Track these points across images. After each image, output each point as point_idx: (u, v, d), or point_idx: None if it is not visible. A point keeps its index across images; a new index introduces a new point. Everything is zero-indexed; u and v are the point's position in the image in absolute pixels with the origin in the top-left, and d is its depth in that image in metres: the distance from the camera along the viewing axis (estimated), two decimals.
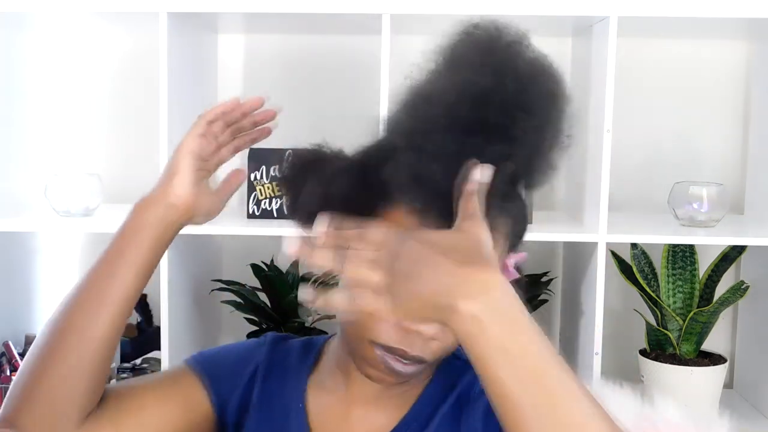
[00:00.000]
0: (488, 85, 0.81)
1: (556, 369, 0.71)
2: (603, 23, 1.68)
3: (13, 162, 1.92)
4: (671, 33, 2.02)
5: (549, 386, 0.71)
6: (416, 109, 0.84)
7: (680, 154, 2.09)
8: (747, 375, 2.03)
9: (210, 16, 1.81)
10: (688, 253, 1.87)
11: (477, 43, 0.87)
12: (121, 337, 1.97)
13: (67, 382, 0.89)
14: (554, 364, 0.71)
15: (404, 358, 0.86)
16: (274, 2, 1.68)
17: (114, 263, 0.93)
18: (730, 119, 2.09)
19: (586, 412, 0.71)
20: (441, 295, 0.71)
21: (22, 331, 1.99)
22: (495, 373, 0.71)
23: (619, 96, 1.70)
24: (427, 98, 0.83)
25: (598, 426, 0.70)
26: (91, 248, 2.15)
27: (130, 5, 1.69)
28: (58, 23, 2.00)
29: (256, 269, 1.88)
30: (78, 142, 2.13)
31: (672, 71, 2.08)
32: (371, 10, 1.64)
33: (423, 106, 0.83)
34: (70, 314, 0.93)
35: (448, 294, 0.71)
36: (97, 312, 0.91)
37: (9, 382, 1.80)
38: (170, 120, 1.69)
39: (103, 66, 2.12)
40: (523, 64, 0.85)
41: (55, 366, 0.89)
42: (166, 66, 1.68)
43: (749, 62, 2.06)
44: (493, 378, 0.71)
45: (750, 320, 2.03)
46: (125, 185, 2.10)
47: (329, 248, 0.73)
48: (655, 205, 1.98)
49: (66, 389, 0.89)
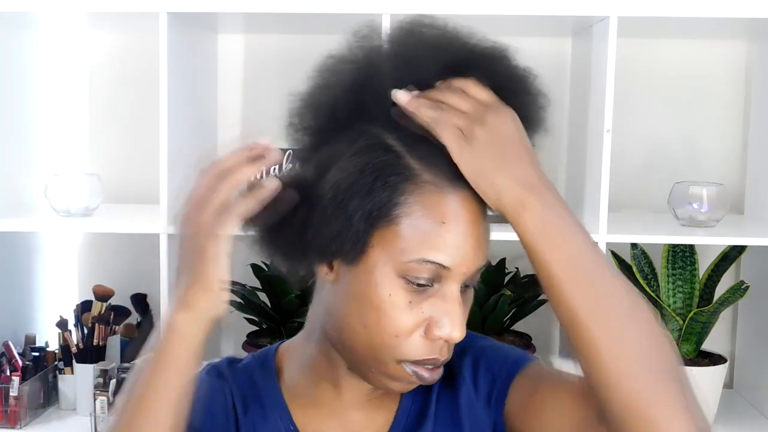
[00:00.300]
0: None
1: (602, 259, 0.83)
2: (603, 23, 1.68)
3: (13, 162, 1.92)
4: (671, 33, 2.02)
5: (603, 275, 0.81)
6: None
7: (680, 154, 2.09)
8: (747, 375, 2.03)
9: (210, 16, 1.81)
10: (688, 253, 1.87)
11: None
12: (121, 337, 1.99)
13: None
14: (600, 254, 0.83)
15: (435, 365, 0.86)
16: (274, 2, 1.68)
17: (165, 372, 0.84)
18: (730, 119, 2.09)
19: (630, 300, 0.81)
20: (521, 184, 0.80)
21: (22, 331, 1.99)
22: (553, 263, 0.80)
23: (619, 96, 1.70)
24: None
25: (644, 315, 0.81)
26: (91, 248, 2.15)
27: (130, 5, 1.69)
28: (58, 23, 2.00)
29: (256, 269, 1.88)
30: (78, 142, 2.13)
31: (672, 71, 2.08)
32: (371, 10, 1.64)
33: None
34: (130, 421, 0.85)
35: (525, 185, 0.80)
36: (156, 417, 0.83)
37: (8, 382, 1.80)
38: (170, 120, 1.69)
39: (103, 66, 2.12)
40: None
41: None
42: (166, 66, 1.68)
43: (749, 62, 2.06)
44: (550, 273, 0.80)
45: (750, 320, 2.03)
46: (125, 185, 2.10)
47: (433, 104, 0.82)
48: (655, 205, 1.98)
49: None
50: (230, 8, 1.71)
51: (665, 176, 1.97)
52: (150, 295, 2.05)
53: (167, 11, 1.67)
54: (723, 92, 2.08)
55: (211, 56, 2.04)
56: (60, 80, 2.10)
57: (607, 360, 0.78)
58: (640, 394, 0.77)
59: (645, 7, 1.66)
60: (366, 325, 0.83)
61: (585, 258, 0.81)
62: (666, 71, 2.08)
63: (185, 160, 1.77)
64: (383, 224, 0.82)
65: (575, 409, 0.86)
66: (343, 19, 1.76)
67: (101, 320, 1.92)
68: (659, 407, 0.77)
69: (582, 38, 1.90)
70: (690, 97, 2.09)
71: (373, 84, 0.85)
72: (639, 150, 2.08)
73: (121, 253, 2.12)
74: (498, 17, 1.71)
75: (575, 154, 1.91)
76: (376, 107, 0.85)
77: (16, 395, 1.80)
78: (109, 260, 2.13)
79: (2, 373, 1.82)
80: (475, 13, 1.67)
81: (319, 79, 0.89)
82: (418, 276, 0.82)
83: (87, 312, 1.94)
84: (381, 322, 0.83)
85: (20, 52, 1.97)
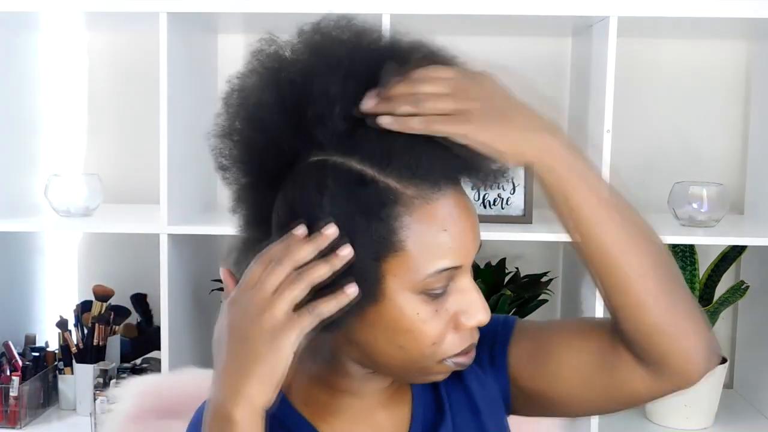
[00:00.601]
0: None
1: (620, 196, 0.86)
2: (603, 23, 1.68)
3: (13, 162, 1.92)
4: (671, 33, 2.02)
5: (622, 207, 0.86)
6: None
7: (680, 154, 2.09)
8: (747, 375, 2.03)
9: (210, 16, 1.81)
10: (688, 253, 1.87)
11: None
12: (121, 337, 1.99)
13: None
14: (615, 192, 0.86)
15: (472, 349, 0.87)
16: (274, 2, 1.68)
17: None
18: (730, 119, 2.09)
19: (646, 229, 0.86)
20: (534, 130, 0.81)
21: (22, 331, 2.00)
22: (583, 200, 0.82)
23: (619, 96, 1.70)
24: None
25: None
26: (91, 248, 2.15)
27: (130, 5, 1.69)
28: (58, 23, 2.00)
29: None
30: (78, 142, 2.13)
31: (672, 71, 2.08)
32: (371, 10, 1.64)
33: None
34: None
35: (540, 129, 0.81)
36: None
37: (8, 382, 1.80)
38: (170, 120, 1.69)
39: (103, 66, 2.12)
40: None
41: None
42: (166, 66, 1.68)
43: (749, 62, 2.06)
44: (580, 206, 0.82)
45: (750, 320, 2.03)
46: (125, 185, 2.10)
47: (404, 95, 0.79)
48: (655, 205, 1.98)
49: None
50: (230, 8, 1.71)
51: (665, 176, 1.97)
52: (150, 295, 2.05)
53: (167, 11, 1.67)
54: (723, 92, 2.09)
55: (211, 56, 2.04)
56: (60, 80, 2.10)
57: (637, 284, 0.85)
58: (667, 311, 0.86)
59: (645, 7, 1.66)
60: (402, 346, 0.83)
61: (606, 190, 0.85)
62: (666, 71, 2.08)
63: (185, 160, 1.77)
64: (390, 255, 0.80)
65: (588, 343, 0.92)
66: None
67: (101, 320, 1.92)
68: (683, 323, 0.87)
69: (582, 38, 1.90)
70: (690, 97, 2.09)
71: (307, 104, 0.80)
72: (639, 150, 2.08)
73: (121, 253, 2.12)
74: (498, 17, 1.71)
75: None
76: (321, 129, 0.80)
77: (16, 395, 1.81)
78: (109, 260, 2.13)
79: (2, 373, 1.82)
80: (475, 13, 1.68)
81: (239, 112, 0.84)
82: (436, 287, 0.82)
83: (87, 312, 1.94)
84: (416, 339, 0.83)
85: (20, 52, 1.97)
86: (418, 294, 0.81)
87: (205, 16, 1.80)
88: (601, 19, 1.69)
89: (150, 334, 2.00)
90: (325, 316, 0.78)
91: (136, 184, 2.10)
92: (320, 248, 0.78)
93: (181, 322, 1.81)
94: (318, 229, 0.79)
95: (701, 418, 1.84)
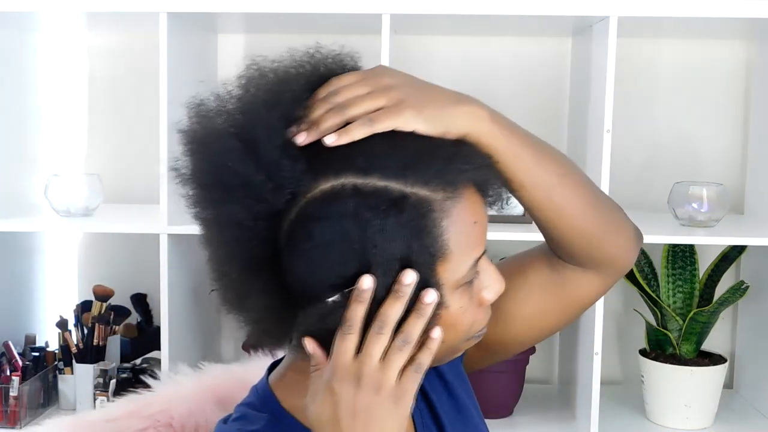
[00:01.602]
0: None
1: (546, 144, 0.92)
2: (603, 23, 1.68)
3: (13, 162, 1.92)
4: (671, 33, 2.02)
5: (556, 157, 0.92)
6: None
7: (680, 154, 2.09)
8: (747, 375, 2.03)
9: (210, 16, 1.81)
10: (688, 253, 1.87)
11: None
12: (121, 337, 1.99)
13: None
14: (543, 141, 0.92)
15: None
16: (274, 2, 1.68)
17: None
18: (730, 119, 2.09)
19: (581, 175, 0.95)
20: (457, 102, 0.84)
21: (22, 331, 2.00)
22: (521, 162, 0.87)
23: (619, 96, 1.70)
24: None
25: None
26: (91, 248, 2.15)
27: (130, 5, 1.69)
28: (58, 23, 2.00)
29: None
30: (78, 142, 2.13)
31: (672, 71, 2.08)
32: (371, 10, 1.64)
33: None
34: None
35: (459, 99, 0.84)
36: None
37: (8, 382, 1.80)
38: (170, 120, 1.69)
39: (103, 66, 2.12)
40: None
41: None
42: (166, 66, 1.68)
43: (749, 62, 2.06)
44: (519, 167, 0.87)
45: (750, 320, 2.03)
46: (125, 185, 2.10)
47: (329, 112, 0.80)
48: (655, 205, 1.98)
49: None
50: (230, 8, 1.71)
51: (665, 176, 1.97)
52: (150, 295, 2.05)
53: (167, 11, 1.67)
54: (723, 92, 2.08)
55: (211, 56, 2.05)
56: (60, 80, 2.10)
57: (572, 217, 0.93)
58: (595, 216, 0.95)
59: (645, 7, 1.66)
60: (444, 341, 0.83)
61: (535, 141, 0.90)
62: (666, 71, 2.08)
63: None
64: (438, 263, 0.80)
65: (531, 278, 1.00)
66: (343, 19, 1.77)
67: (101, 320, 1.92)
68: (611, 220, 0.97)
69: (582, 38, 1.90)
70: (690, 97, 2.09)
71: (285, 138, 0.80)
72: (639, 150, 2.08)
73: (121, 253, 2.12)
74: (498, 17, 1.71)
75: (575, 154, 1.91)
76: (334, 156, 0.79)
77: (16, 395, 1.81)
78: (109, 260, 2.14)
79: (2, 373, 1.82)
80: (476, 13, 1.68)
81: (220, 158, 0.86)
82: (472, 276, 0.84)
83: (87, 312, 1.94)
84: (458, 330, 0.85)
85: (20, 52, 1.97)
86: (458, 288, 0.83)
87: (205, 16, 1.80)
88: (601, 19, 1.69)
89: (150, 334, 2.00)
90: (426, 366, 0.81)
91: (136, 184, 2.10)
92: (406, 300, 0.79)
93: (181, 322, 1.81)
94: (381, 270, 0.78)
95: (701, 418, 1.84)
